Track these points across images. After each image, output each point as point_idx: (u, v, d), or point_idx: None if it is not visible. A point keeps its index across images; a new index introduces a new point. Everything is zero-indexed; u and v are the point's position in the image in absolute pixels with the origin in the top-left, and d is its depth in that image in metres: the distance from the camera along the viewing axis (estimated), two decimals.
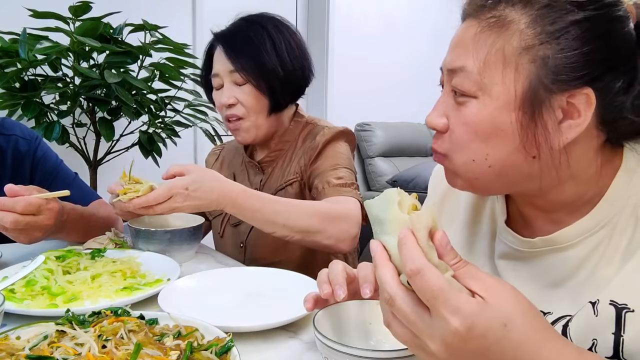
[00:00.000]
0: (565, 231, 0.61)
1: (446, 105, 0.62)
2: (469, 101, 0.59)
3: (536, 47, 0.55)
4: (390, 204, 0.51)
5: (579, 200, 0.62)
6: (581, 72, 0.54)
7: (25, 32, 1.83)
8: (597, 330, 0.57)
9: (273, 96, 1.19)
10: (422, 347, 0.48)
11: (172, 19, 2.60)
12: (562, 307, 0.61)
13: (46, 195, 1.01)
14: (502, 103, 0.57)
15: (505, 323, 0.44)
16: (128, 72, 2.18)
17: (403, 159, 4.07)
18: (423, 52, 4.37)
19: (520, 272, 0.66)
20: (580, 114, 0.55)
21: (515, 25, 0.56)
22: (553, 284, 0.63)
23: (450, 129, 0.62)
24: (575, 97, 0.55)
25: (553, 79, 0.55)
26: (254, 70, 1.16)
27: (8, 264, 1.00)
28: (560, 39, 0.54)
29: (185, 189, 0.93)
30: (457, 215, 0.78)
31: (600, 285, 0.58)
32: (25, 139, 1.29)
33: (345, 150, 1.23)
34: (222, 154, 1.45)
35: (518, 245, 0.66)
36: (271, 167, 1.28)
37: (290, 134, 1.28)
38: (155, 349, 0.59)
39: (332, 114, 3.86)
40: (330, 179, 1.15)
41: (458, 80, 0.59)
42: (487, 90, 0.57)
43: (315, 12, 3.83)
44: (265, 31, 1.18)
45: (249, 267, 0.98)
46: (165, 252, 1.06)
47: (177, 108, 2.35)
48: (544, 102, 0.55)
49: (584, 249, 0.61)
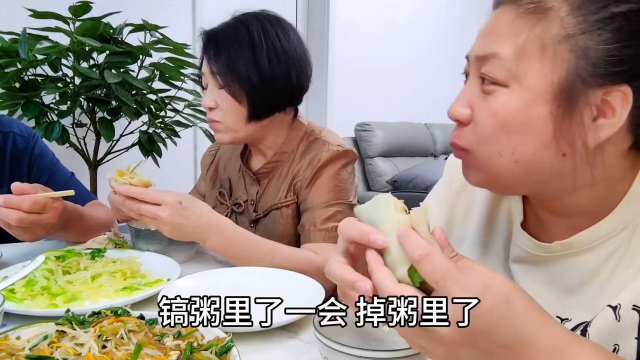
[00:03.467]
0: (583, 234, 0.59)
1: (471, 95, 0.59)
2: (498, 90, 0.56)
3: (577, 36, 0.52)
4: (385, 206, 0.53)
5: (597, 205, 0.59)
6: (621, 67, 0.51)
7: (25, 32, 1.83)
8: (619, 335, 0.56)
9: (250, 104, 1.11)
10: (429, 336, 0.47)
11: (172, 19, 2.60)
12: (580, 313, 0.60)
13: (52, 194, 1.02)
14: (535, 94, 0.54)
15: (508, 300, 0.46)
16: (128, 72, 2.18)
17: (403, 159, 4.07)
18: (423, 52, 4.38)
19: (535, 277, 0.64)
20: (615, 113, 0.53)
21: (556, 13, 0.53)
22: (570, 289, 0.62)
23: (475, 120, 0.58)
24: (611, 94, 0.52)
25: (592, 71, 0.52)
26: (228, 75, 1.09)
27: (8, 264, 1.00)
28: (603, 29, 0.51)
29: (178, 202, 0.94)
30: (472, 211, 0.76)
31: (619, 289, 0.57)
32: (23, 136, 1.29)
33: (344, 176, 1.15)
34: (218, 154, 1.40)
35: (534, 250, 0.64)
36: (267, 179, 1.22)
37: (288, 145, 1.20)
38: (155, 349, 0.59)
39: (332, 114, 3.86)
40: (318, 219, 1.11)
41: (489, 67, 0.56)
42: (519, 79, 0.54)
43: (315, 12, 3.83)
44: (247, 34, 1.10)
45: (249, 267, 0.98)
46: (165, 252, 1.06)
47: (177, 108, 2.36)
48: (580, 96, 0.53)
49: (602, 252, 0.59)
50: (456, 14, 4.42)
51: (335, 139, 1.20)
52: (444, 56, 4.44)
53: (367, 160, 3.96)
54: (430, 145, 4.32)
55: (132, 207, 0.94)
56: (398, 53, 4.19)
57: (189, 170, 3.14)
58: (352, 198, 1.17)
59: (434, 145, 4.34)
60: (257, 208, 1.22)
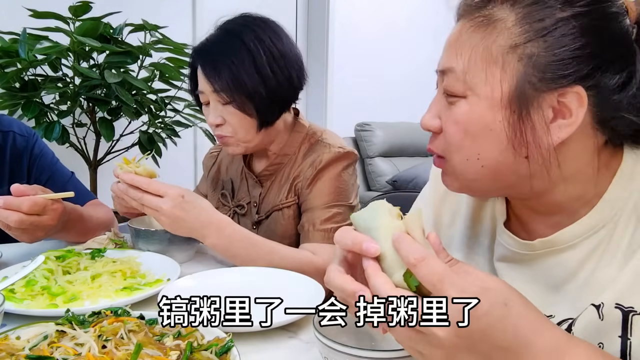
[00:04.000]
0: (565, 232, 0.61)
1: (439, 106, 0.63)
2: (458, 101, 0.59)
3: (522, 45, 0.55)
4: (380, 213, 0.53)
5: (576, 202, 0.61)
6: (569, 70, 0.53)
7: (25, 32, 1.83)
8: (603, 333, 0.57)
9: (260, 114, 1.11)
10: (428, 340, 0.47)
11: (172, 19, 2.60)
12: (563, 310, 0.61)
13: (51, 196, 1.02)
14: (490, 102, 0.57)
15: (506, 302, 0.46)
16: (128, 72, 2.18)
17: (403, 159, 4.07)
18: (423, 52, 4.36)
19: (519, 275, 0.66)
20: (571, 113, 0.55)
21: (503, 24, 0.56)
22: (553, 286, 0.63)
23: (444, 129, 0.62)
24: (566, 96, 0.54)
25: (540, 77, 0.54)
26: (234, 92, 1.08)
27: (8, 264, 1.00)
28: (547, 36, 0.54)
29: (180, 196, 0.94)
30: (457, 214, 0.78)
31: (601, 286, 0.58)
32: (23, 135, 1.29)
33: (345, 178, 1.16)
34: (220, 156, 1.40)
35: (517, 248, 0.66)
36: (270, 181, 1.22)
37: (290, 147, 1.21)
38: (155, 349, 0.59)
39: (332, 114, 3.86)
40: (317, 220, 1.11)
41: (447, 81, 0.60)
42: (474, 89, 0.58)
43: (315, 13, 3.83)
44: (244, 46, 1.08)
45: (249, 267, 0.98)
46: (165, 252, 1.06)
47: (177, 108, 2.36)
48: (532, 101, 0.55)
49: (583, 250, 0.60)
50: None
51: (337, 140, 1.20)
52: None
53: (367, 160, 3.96)
54: None
55: (134, 197, 0.94)
56: (398, 53, 4.19)
57: (189, 171, 3.14)
58: (353, 199, 1.17)
59: None
60: (259, 210, 1.22)
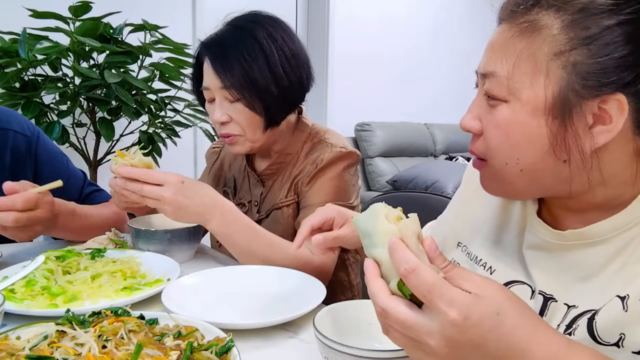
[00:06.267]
0: (597, 226, 0.61)
1: (480, 108, 0.63)
2: (500, 104, 0.60)
3: (567, 52, 0.55)
4: (377, 218, 0.53)
5: (612, 202, 0.62)
6: (612, 78, 0.54)
7: (25, 32, 1.83)
8: (626, 325, 0.57)
9: (268, 114, 1.09)
10: (422, 348, 0.49)
11: (172, 19, 2.60)
12: (587, 301, 0.61)
13: (41, 188, 1.01)
14: (532, 108, 0.57)
15: (498, 312, 0.46)
16: (128, 72, 2.18)
17: (403, 159, 4.07)
18: (423, 52, 4.38)
19: (548, 264, 0.66)
20: (611, 120, 0.55)
21: (548, 31, 0.56)
22: (580, 278, 0.63)
23: (484, 131, 0.63)
24: (607, 103, 0.55)
25: (583, 84, 0.55)
26: (245, 88, 1.06)
27: (8, 264, 1.00)
28: (592, 44, 0.54)
29: (181, 182, 0.93)
30: (487, 201, 0.79)
31: (629, 280, 0.58)
32: (25, 135, 1.21)
33: (346, 178, 1.15)
34: (222, 152, 1.39)
35: (548, 237, 0.66)
36: (272, 180, 1.21)
37: (292, 146, 1.20)
38: (155, 349, 0.59)
39: (332, 114, 3.86)
40: None
41: (489, 85, 0.60)
42: (517, 94, 0.58)
43: (315, 12, 3.83)
44: (257, 43, 1.06)
45: (249, 266, 0.98)
46: (165, 252, 1.06)
47: (177, 108, 2.36)
48: (574, 108, 0.56)
49: (614, 245, 0.61)
50: (455, 13, 4.42)
51: (340, 140, 1.19)
52: (444, 58, 4.45)
53: (367, 160, 3.96)
54: (430, 145, 4.32)
55: (134, 189, 0.92)
56: (399, 53, 4.19)
57: (189, 170, 3.14)
58: (353, 200, 1.16)
59: (434, 145, 4.34)
60: (260, 209, 1.22)
